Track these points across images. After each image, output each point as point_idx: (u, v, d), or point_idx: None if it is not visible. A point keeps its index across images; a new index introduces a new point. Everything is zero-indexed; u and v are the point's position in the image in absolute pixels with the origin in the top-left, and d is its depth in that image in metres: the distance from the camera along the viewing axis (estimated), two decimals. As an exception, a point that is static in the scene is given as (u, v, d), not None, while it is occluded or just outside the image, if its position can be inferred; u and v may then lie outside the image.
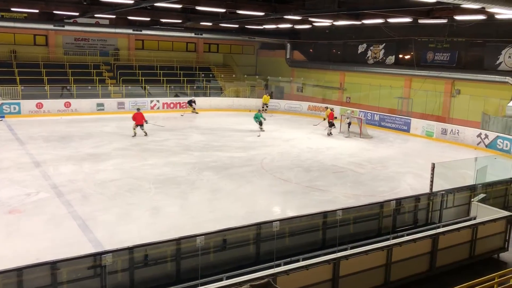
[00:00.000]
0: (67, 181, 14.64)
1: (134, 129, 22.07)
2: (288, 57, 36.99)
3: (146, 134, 22.26)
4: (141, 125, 22.14)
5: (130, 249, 7.58)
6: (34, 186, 13.95)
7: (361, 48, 32.46)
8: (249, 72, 39.38)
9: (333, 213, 9.47)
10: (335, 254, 8.29)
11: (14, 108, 26.54)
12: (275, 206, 13.63)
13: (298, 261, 8.15)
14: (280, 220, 8.83)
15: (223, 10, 23.41)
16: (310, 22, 27.31)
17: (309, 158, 19.30)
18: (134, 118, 22.06)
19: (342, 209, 9.73)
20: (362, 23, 24.38)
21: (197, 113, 30.69)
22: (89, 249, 9.50)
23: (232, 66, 39.40)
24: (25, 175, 15.18)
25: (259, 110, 26.51)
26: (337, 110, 29.33)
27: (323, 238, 9.78)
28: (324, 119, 25.31)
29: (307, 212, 10.38)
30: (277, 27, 30.48)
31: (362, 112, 28.46)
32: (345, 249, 8.66)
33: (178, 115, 29.91)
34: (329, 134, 24.69)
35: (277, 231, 8.45)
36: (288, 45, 36.58)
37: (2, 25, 28.00)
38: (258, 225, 8.86)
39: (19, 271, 6.70)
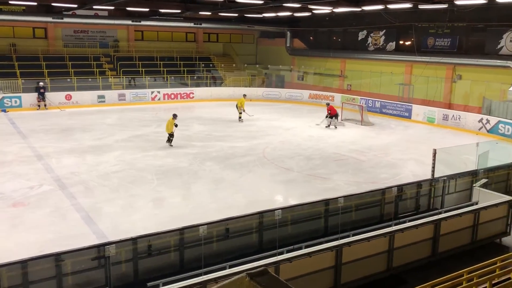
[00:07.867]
0: (70, 173, 14.69)
1: None
2: (288, 45, 36.80)
3: None
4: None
5: (134, 240, 7.64)
6: (37, 179, 14.01)
7: (361, 35, 32.24)
8: (250, 61, 39.21)
9: (335, 201, 9.52)
10: (338, 241, 8.34)
11: (15, 102, 26.54)
12: (277, 195, 13.67)
13: (300, 248, 8.21)
14: (282, 209, 8.88)
15: (222, -1, 23.28)
16: (310, 10, 27.13)
17: (310, 147, 19.30)
18: None
19: (344, 196, 9.77)
20: (362, 9, 24.19)
21: (46, 109, 26.93)
22: (93, 240, 9.57)
23: (232, 56, 39.23)
24: (28, 168, 15.22)
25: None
26: (338, 97, 29.25)
27: (325, 225, 9.84)
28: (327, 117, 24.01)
29: (309, 200, 10.42)
30: (277, 15, 30.27)
31: (363, 99, 28.38)
32: (348, 236, 8.72)
33: (178, 105, 29.80)
34: (328, 126, 23.90)
35: (279, 219, 8.50)
36: (288, 33, 36.36)
37: (1, 19, 27.88)
38: (261, 213, 8.92)
39: (23, 263, 6.77)
